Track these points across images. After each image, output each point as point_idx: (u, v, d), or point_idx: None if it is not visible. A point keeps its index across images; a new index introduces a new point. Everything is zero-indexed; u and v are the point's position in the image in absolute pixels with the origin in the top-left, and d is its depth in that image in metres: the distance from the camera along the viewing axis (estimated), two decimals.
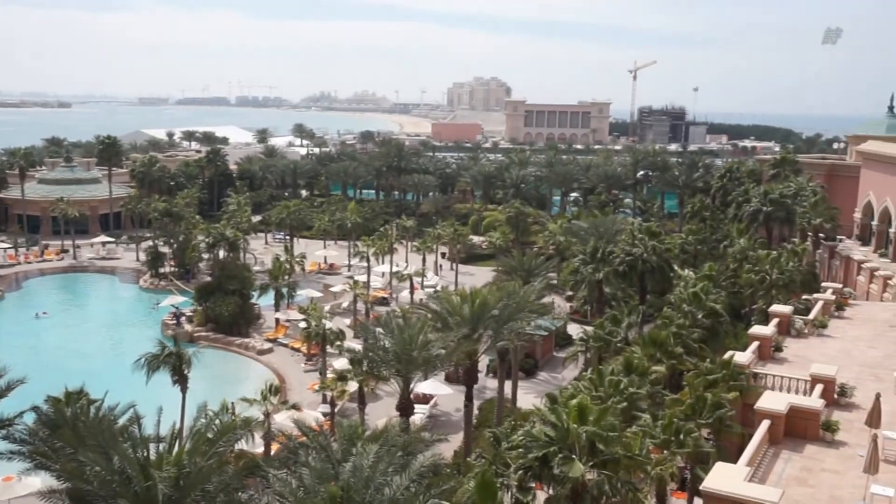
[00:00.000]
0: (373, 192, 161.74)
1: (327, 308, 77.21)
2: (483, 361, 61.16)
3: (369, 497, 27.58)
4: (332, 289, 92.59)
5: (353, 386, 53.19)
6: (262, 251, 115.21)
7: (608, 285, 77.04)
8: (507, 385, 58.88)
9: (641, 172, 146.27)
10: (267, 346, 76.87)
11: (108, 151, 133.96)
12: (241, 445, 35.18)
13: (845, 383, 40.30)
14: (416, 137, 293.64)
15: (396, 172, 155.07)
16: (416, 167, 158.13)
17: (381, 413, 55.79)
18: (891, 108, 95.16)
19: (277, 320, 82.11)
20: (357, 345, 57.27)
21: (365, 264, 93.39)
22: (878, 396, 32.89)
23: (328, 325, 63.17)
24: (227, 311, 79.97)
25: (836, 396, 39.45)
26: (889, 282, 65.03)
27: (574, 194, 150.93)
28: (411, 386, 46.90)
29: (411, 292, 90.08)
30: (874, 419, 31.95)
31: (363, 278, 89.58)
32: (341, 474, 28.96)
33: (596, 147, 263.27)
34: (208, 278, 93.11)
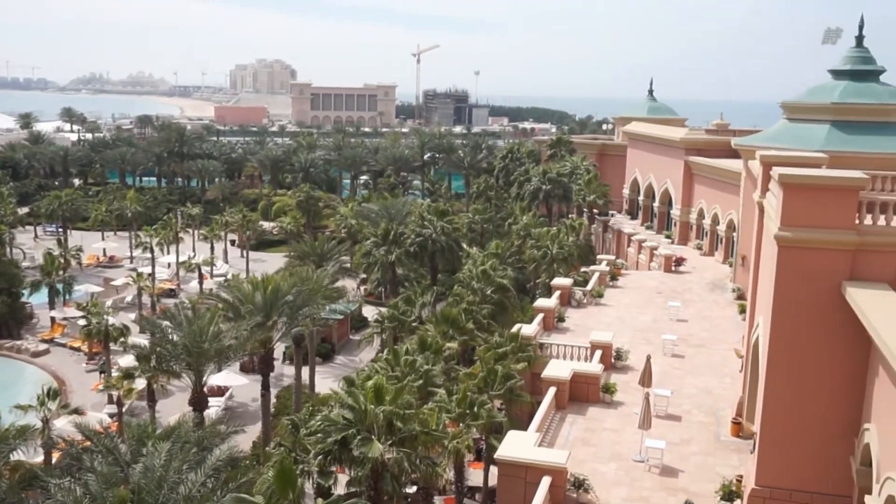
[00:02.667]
0: (154, 179, 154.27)
1: (109, 303, 73.06)
2: (279, 349, 60.26)
3: (163, 497, 26.52)
4: (113, 282, 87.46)
5: (141, 383, 50.74)
6: (32, 246, 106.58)
7: (401, 266, 78.24)
8: (305, 371, 58.48)
9: (428, 154, 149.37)
10: (42, 346, 71.50)
11: None
12: (18, 456, 32.62)
13: (620, 348, 43.48)
14: (198, 121, 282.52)
15: (179, 158, 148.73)
16: (200, 152, 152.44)
17: (174, 409, 53.62)
18: (650, 91, 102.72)
19: (53, 319, 76.53)
20: (144, 340, 54.57)
21: (148, 255, 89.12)
22: (648, 358, 35.69)
23: (111, 320, 59.76)
24: None
25: (613, 360, 42.46)
26: (655, 252, 70.62)
27: (364, 177, 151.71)
28: (204, 379, 45.47)
29: (200, 282, 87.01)
30: (646, 379, 34.65)
31: (147, 270, 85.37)
32: (131, 476, 27.64)
33: (383, 130, 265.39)
34: None
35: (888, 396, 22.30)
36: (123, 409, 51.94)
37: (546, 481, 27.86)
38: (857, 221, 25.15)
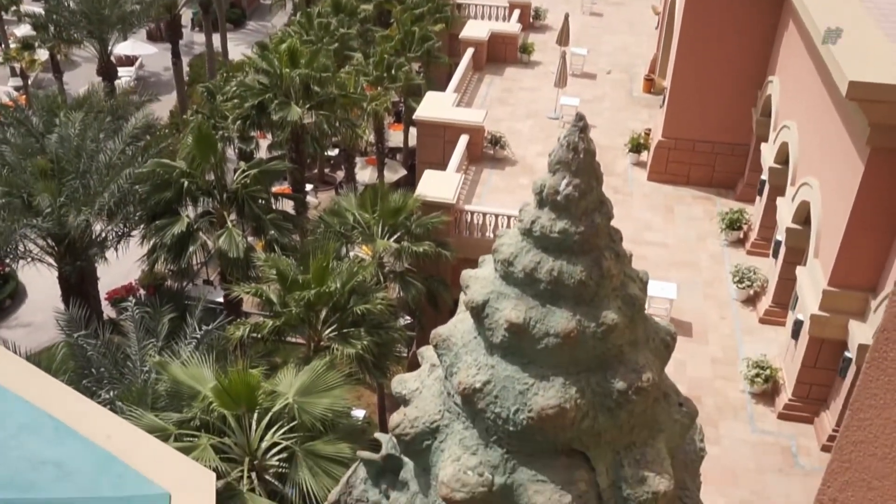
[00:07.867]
0: None
1: None
2: (186, 15, 57.45)
3: (83, 166, 26.48)
4: None
5: (43, 54, 48.47)
6: None
7: None
8: (216, 38, 56.35)
9: None
10: None
11: None
12: None
13: (539, 6, 42.69)
14: None
15: None
16: None
17: (82, 80, 51.74)
18: None
19: None
20: (38, 8, 51.10)
21: None
22: (566, 17, 35.34)
23: None
24: None
25: (531, 20, 41.88)
26: None
27: None
28: (109, 48, 43.54)
29: None
30: (563, 38, 34.57)
31: None
32: (47, 147, 27.30)
33: None
34: None
35: (794, 47, 22.92)
36: (29, 82, 50.09)
37: (464, 139, 28.65)
38: None
